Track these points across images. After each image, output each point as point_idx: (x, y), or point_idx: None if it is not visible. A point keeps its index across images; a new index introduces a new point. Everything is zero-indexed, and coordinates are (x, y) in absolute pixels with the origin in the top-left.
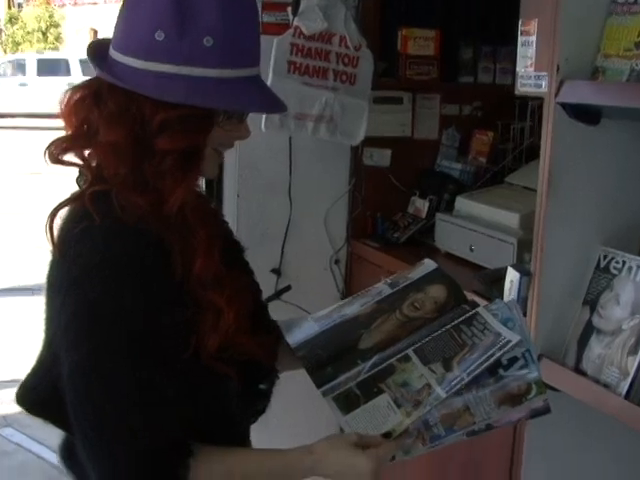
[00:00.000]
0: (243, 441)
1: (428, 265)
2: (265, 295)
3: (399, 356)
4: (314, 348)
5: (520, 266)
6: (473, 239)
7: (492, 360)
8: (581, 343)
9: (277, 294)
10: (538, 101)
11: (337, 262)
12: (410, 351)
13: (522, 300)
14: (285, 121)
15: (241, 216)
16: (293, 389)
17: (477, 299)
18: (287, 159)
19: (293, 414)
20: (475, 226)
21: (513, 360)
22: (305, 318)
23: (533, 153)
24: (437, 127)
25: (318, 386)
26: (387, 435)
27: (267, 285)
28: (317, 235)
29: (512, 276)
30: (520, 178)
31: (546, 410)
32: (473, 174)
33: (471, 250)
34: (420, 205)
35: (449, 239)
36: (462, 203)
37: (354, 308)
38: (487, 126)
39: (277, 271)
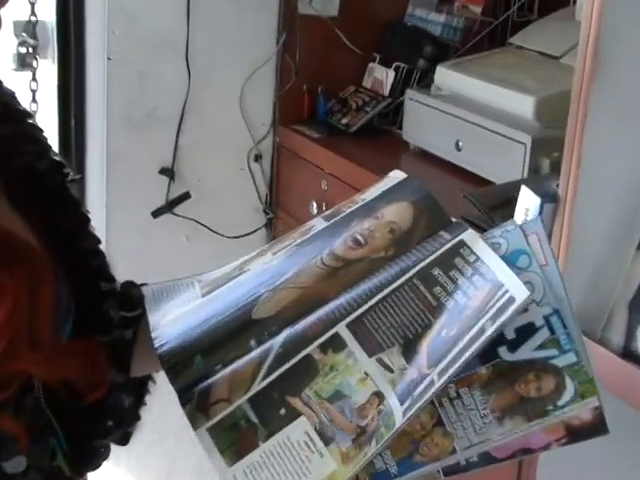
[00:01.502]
0: None
1: (393, 177)
2: (152, 207)
3: (323, 338)
4: (188, 334)
5: (540, 184)
6: (461, 131)
7: (487, 335)
8: (634, 309)
9: (169, 206)
10: None
11: (258, 159)
12: (342, 326)
13: None
14: None
15: (113, 89)
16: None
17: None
18: (183, 5)
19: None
20: (464, 112)
21: (527, 330)
22: (187, 282)
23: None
24: None
25: (179, 395)
26: None
27: (155, 193)
28: (228, 119)
29: (528, 200)
30: (533, 38)
31: (599, 428)
32: (462, 31)
33: (457, 149)
34: (381, 76)
35: (423, 129)
36: (445, 75)
37: (265, 260)
38: None
39: (168, 172)
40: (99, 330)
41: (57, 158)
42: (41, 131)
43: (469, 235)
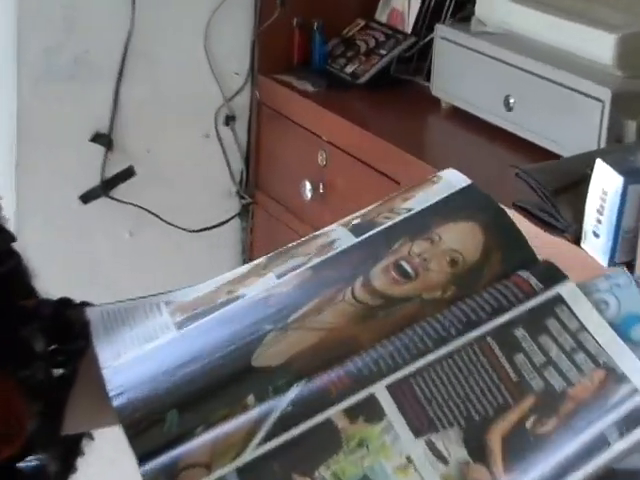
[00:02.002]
0: None
1: (449, 181)
2: (82, 188)
3: (353, 400)
4: (159, 380)
5: (622, 157)
6: (512, 84)
7: (613, 451)
8: None
9: (105, 187)
10: None
11: (230, 122)
12: (380, 387)
13: (626, 240)
14: None
15: (26, 29)
16: None
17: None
18: None
19: None
20: (517, 56)
21: None
22: (150, 304)
23: None
24: None
25: (140, 461)
26: None
27: (85, 169)
28: (188, 66)
29: (605, 180)
30: None
31: None
32: None
33: (507, 108)
34: (402, 5)
35: (460, 81)
36: (490, 5)
37: (266, 283)
38: None
39: (104, 139)
40: (15, 363)
41: None
42: None
43: (568, 288)
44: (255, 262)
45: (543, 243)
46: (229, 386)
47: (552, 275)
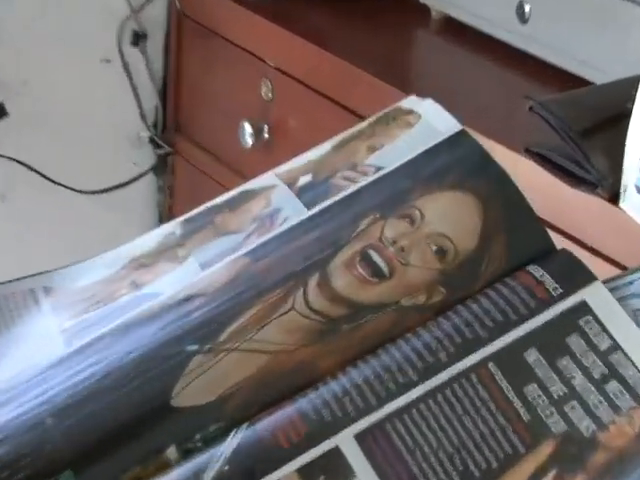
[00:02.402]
0: None
1: (430, 123)
2: None
3: (309, 455)
4: (39, 421)
5: None
6: None
7: None
8: None
9: None
10: None
11: (140, 40)
12: (346, 437)
13: None
14: None
15: None
16: None
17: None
18: None
19: None
20: None
21: None
22: (23, 293)
23: None
24: None
25: None
26: None
27: None
28: None
29: None
30: None
31: None
32: None
33: (522, 19)
34: None
35: None
36: None
37: (186, 276)
38: None
39: None
40: None
41: None
42: None
43: (596, 292)
44: (166, 229)
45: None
46: (141, 434)
47: (574, 273)
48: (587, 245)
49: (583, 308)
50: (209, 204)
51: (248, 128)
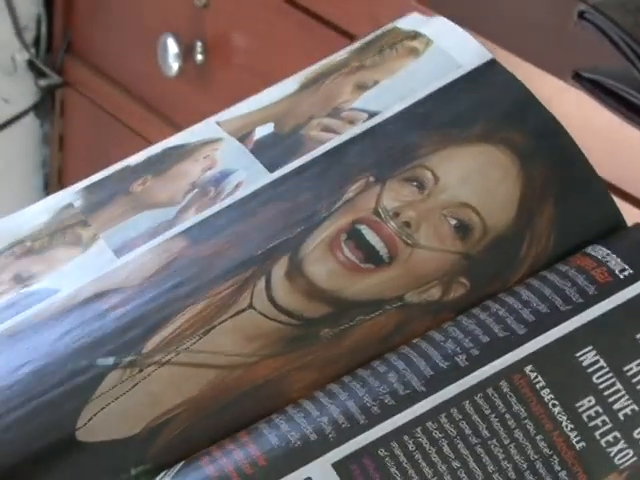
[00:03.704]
0: None
1: (444, 50)
2: None
3: None
4: None
5: None
6: None
7: None
8: None
9: None
10: None
11: None
12: (322, 465)
13: None
14: None
15: None
16: None
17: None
18: None
19: None
20: None
21: None
22: None
23: None
24: None
25: None
26: None
27: None
28: None
29: None
30: None
31: None
32: None
33: None
34: None
35: None
36: None
37: (94, 265)
38: None
39: None
40: None
41: None
42: None
43: None
44: (59, 200)
45: None
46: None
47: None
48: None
49: None
50: (121, 164)
51: (173, 46)
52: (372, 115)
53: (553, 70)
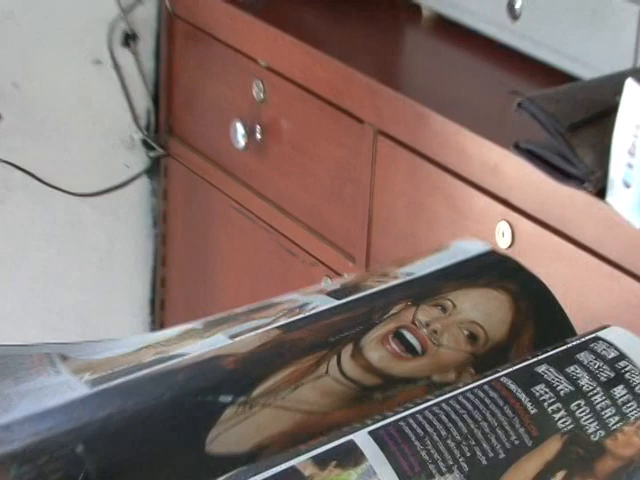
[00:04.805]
0: None
1: (460, 247)
2: None
3: (324, 447)
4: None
5: None
6: None
7: None
8: None
9: None
10: None
11: (130, 41)
12: (361, 433)
13: None
14: None
15: None
16: None
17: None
18: None
19: None
20: None
21: None
22: (39, 358)
23: None
24: None
25: None
26: None
27: None
28: None
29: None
30: None
31: None
32: None
33: (512, 15)
34: None
35: None
36: None
37: (215, 343)
38: None
39: None
40: None
41: None
42: None
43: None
44: (187, 326)
45: None
46: (171, 473)
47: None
48: (573, 238)
49: (593, 339)
50: (230, 312)
51: (240, 129)
52: (409, 275)
53: (499, 141)
